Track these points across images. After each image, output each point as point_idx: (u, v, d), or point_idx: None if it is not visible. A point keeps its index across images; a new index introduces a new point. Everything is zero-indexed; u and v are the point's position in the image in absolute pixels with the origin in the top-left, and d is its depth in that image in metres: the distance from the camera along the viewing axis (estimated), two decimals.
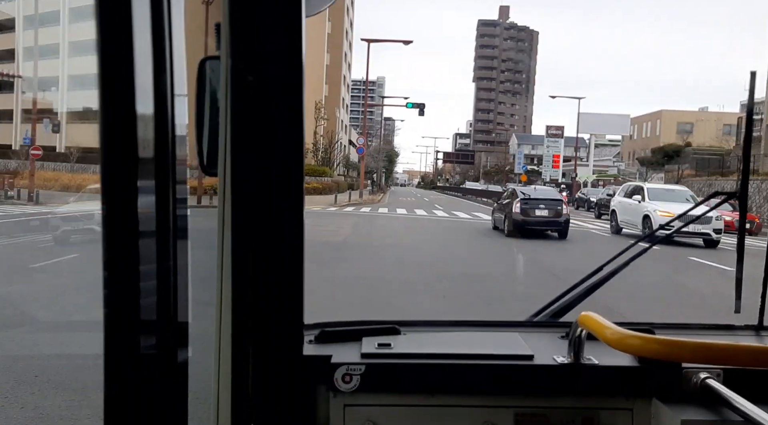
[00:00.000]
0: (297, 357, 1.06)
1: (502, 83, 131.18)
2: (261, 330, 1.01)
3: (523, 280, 9.90)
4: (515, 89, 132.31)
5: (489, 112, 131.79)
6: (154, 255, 0.75)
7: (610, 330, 1.06)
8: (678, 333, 1.41)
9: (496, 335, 1.41)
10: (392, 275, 9.55)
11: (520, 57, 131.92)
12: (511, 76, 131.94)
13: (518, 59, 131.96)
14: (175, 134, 0.76)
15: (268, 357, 1.02)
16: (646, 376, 1.18)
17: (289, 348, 1.04)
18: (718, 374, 1.14)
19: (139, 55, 0.71)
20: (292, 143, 0.97)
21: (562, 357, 1.22)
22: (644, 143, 59.36)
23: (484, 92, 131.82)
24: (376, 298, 7.58)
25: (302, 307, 1.04)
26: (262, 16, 0.93)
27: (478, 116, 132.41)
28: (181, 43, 0.78)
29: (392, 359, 1.21)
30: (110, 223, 0.72)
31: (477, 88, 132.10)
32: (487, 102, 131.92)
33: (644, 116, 61.39)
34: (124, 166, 0.71)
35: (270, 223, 0.98)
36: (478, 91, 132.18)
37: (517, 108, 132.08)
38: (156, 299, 0.76)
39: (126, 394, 0.75)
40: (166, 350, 0.78)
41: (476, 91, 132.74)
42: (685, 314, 6.88)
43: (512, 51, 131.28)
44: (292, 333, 1.04)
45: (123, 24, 0.70)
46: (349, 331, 1.30)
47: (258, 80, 0.94)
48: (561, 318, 1.52)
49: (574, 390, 1.20)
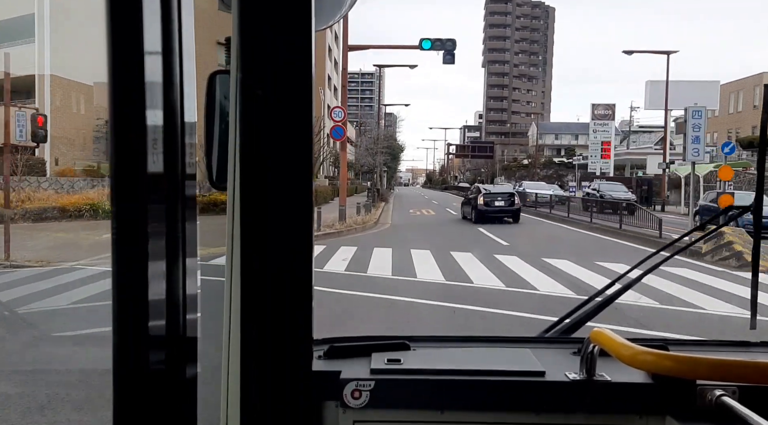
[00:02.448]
0: (306, 373, 1.05)
1: (516, 67, 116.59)
2: (270, 345, 1.00)
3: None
4: (531, 73, 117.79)
5: (502, 100, 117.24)
6: (163, 271, 0.76)
7: (623, 346, 1.06)
8: (692, 349, 1.40)
9: (506, 351, 1.40)
10: None
11: (536, 36, 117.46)
12: (526, 58, 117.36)
13: (533, 39, 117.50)
14: (184, 149, 0.78)
15: (277, 373, 1.01)
16: (659, 393, 1.16)
17: (298, 364, 1.03)
18: (733, 391, 1.12)
19: (149, 69, 0.72)
20: (301, 157, 0.97)
21: (575, 374, 1.20)
22: (737, 120, 45.01)
23: (496, 77, 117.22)
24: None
25: (311, 322, 1.04)
26: (272, 30, 0.94)
27: (490, 105, 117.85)
28: (191, 57, 0.79)
29: (402, 375, 1.20)
30: (119, 238, 0.73)
31: (488, 73, 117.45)
32: (499, 88, 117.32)
33: (734, 83, 46.62)
34: (134, 181, 0.73)
35: (279, 238, 0.98)
36: (489, 77, 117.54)
37: (534, 94, 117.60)
38: (165, 315, 0.77)
39: (135, 410, 0.77)
40: (175, 366, 0.79)
41: (487, 77, 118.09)
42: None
43: (526, 30, 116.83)
44: (301, 348, 1.03)
45: (134, 41, 0.71)
46: (359, 347, 1.30)
47: (267, 94, 0.94)
48: (573, 334, 1.49)
49: (586, 407, 1.18)
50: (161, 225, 0.75)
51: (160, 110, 0.74)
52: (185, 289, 0.79)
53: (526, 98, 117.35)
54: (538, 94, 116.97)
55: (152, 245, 0.73)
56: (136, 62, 0.71)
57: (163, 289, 0.75)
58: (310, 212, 0.99)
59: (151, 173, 0.73)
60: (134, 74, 0.71)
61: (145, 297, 0.73)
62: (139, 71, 0.71)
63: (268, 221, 0.96)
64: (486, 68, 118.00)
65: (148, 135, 0.72)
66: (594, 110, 51.66)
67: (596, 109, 51.72)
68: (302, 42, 0.94)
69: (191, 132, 0.80)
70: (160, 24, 0.73)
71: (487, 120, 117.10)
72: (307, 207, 0.98)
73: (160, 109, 0.74)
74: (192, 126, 0.80)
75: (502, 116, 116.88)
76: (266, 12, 0.93)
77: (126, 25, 0.71)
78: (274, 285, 0.98)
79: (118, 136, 0.72)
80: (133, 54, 0.71)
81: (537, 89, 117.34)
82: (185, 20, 0.77)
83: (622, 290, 1.50)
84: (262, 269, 0.97)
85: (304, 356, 1.03)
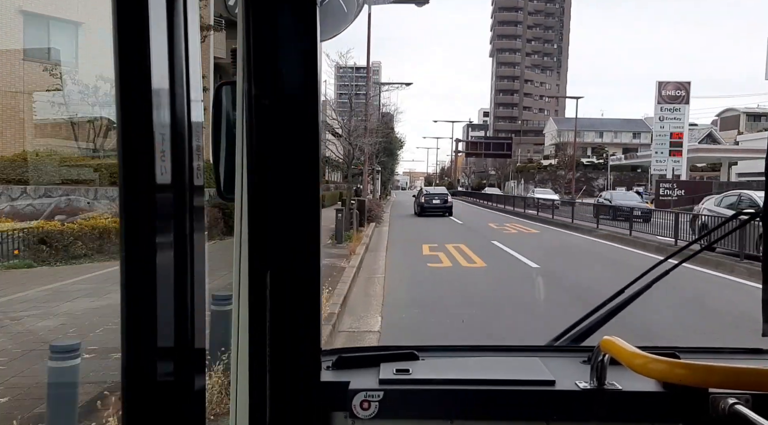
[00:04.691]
0: (314, 383, 1.07)
1: (528, 56, 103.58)
2: (278, 356, 1.01)
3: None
4: (545, 63, 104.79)
5: (512, 93, 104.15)
6: (172, 281, 0.77)
7: (634, 354, 1.06)
8: (704, 357, 1.39)
9: (516, 360, 1.39)
10: None
11: (550, 22, 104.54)
12: (540, 46, 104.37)
13: (548, 25, 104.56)
14: (192, 160, 0.79)
15: (286, 383, 1.02)
16: (671, 402, 1.15)
17: (306, 374, 1.04)
18: (747, 399, 1.11)
19: (156, 81, 0.72)
20: (308, 167, 0.98)
21: (585, 382, 1.19)
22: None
23: (506, 68, 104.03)
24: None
25: (319, 333, 1.03)
26: (278, 40, 0.95)
27: (498, 99, 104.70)
28: (198, 69, 0.80)
29: (411, 385, 1.19)
30: (128, 249, 0.74)
31: (497, 62, 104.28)
32: (510, 80, 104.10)
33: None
34: (142, 192, 0.74)
35: (287, 249, 0.99)
36: (498, 67, 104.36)
37: (548, 87, 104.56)
38: (173, 325, 0.77)
39: (143, 421, 0.77)
40: (183, 377, 0.79)
41: (495, 67, 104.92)
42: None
43: (540, 14, 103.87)
44: (309, 359, 1.04)
45: (140, 51, 0.71)
46: (367, 357, 1.29)
47: (274, 105, 0.96)
48: (582, 342, 1.47)
49: (597, 416, 1.17)
50: (170, 236, 0.75)
51: (167, 120, 0.74)
52: (193, 299, 0.78)
53: (539, 92, 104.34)
54: (553, 87, 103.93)
55: (160, 255, 0.73)
56: (142, 72, 0.70)
57: (171, 299, 0.75)
58: (317, 222, 1.00)
59: (158, 184, 0.73)
60: (141, 82, 0.71)
61: (153, 307, 0.73)
62: (145, 81, 0.70)
63: (276, 232, 0.97)
64: (494, 58, 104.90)
65: (155, 146, 0.71)
66: (660, 90, 38.40)
67: (664, 88, 38.45)
68: (308, 52, 0.95)
69: (199, 142, 0.79)
70: (166, 34, 0.73)
71: (495, 116, 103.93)
72: (315, 218, 0.99)
73: (167, 119, 0.74)
74: (199, 137, 0.79)
75: (512, 112, 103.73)
76: (272, 23, 0.94)
77: (132, 35, 0.70)
78: (281, 296, 0.99)
79: (126, 147, 0.71)
80: (140, 63, 0.70)
81: (551, 82, 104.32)
82: (191, 29, 0.77)
83: (632, 298, 1.46)
84: (270, 280, 0.98)
85: (313, 366, 1.05)
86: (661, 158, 38.29)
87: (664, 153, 38.08)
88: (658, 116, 38.38)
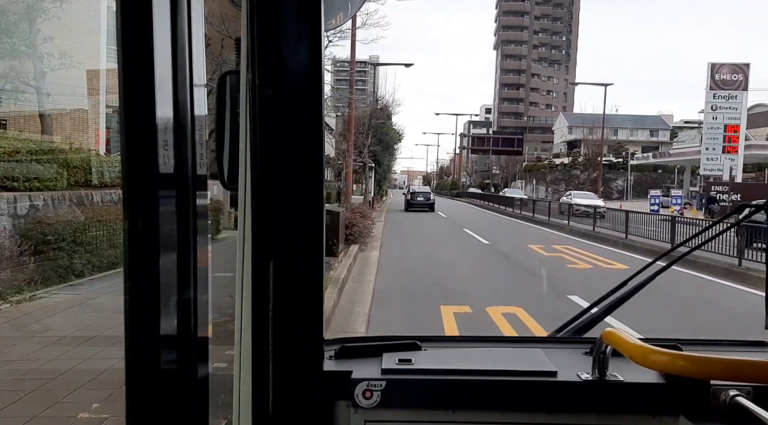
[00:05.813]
0: (317, 373, 1.07)
1: (535, 49, 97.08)
2: (281, 345, 1.01)
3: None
4: (552, 57, 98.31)
5: (518, 88, 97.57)
6: (175, 270, 0.77)
7: (636, 346, 1.06)
8: (705, 349, 1.39)
9: (518, 351, 1.39)
10: None
11: (559, 13, 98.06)
12: (548, 38, 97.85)
13: (556, 16, 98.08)
14: (195, 150, 0.79)
15: (289, 372, 1.02)
16: (672, 393, 1.16)
17: (309, 364, 1.05)
18: (748, 392, 1.11)
19: (159, 71, 0.73)
20: (312, 156, 0.98)
21: (587, 374, 1.20)
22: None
23: (512, 61, 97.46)
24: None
25: (322, 322, 1.05)
26: (282, 30, 0.95)
27: (503, 93, 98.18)
28: (201, 59, 0.80)
29: (413, 375, 1.20)
30: (131, 239, 0.74)
31: (502, 55, 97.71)
32: (515, 74, 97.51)
33: None
34: (146, 182, 0.74)
35: (290, 238, 0.99)
36: (503, 60, 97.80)
37: (556, 82, 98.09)
38: (176, 314, 0.78)
39: (147, 409, 0.78)
40: (187, 365, 0.80)
41: (500, 60, 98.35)
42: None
43: (548, 4, 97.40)
44: (312, 348, 1.05)
45: (144, 41, 0.72)
46: (370, 347, 1.29)
47: (278, 94, 0.96)
48: (585, 334, 1.48)
49: (598, 408, 1.18)
50: (173, 225, 0.75)
51: (170, 110, 0.74)
52: (196, 289, 0.79)
53: (546, 87, 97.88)
54: (561, 82, 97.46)
55: (163, 245, 0.74)
56: (146, 62, 0.71)
57: (174, 288, 0.76)
58: (321, 212, 1.00)
59: (162, 174, 0.73)
60: (144, 74, 0.71)
61: (156, 296, 0.74)
62: (148, 71, 0.71)
63: (279, 222, 0.97)
64: (499, 50, 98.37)
65: (159, 137, 0.72)
66: (714, 72, 31.87)
67: (718, 71, 31.91)
68: (312, 42, 0.95)
69: (202, 132, 0.80)
70: (170, 26, 0.73)
71: (499, 112, 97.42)
72: (318, 207, 0.99)
73: (170, 109, 0.74)
74: (202, 126, 0.80)
75: (518, 108, 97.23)
76: (276, 13, 0.94)
77: (136, 27, 0.71)
78: (284, 286, 0.99)
79: (129, 138, 0.72)
80: (143, 53, 0.71)
81: (559, 76, 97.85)
82: (195, 19, 0.77)
83: (635, 290, 1.45)
84: (273, 269, 0.98)
85: (315, 356, 1.05)
86: (712, 155, 31.76)
87: (717, 149, 31.55)
88: (710, 104, 31.83)
